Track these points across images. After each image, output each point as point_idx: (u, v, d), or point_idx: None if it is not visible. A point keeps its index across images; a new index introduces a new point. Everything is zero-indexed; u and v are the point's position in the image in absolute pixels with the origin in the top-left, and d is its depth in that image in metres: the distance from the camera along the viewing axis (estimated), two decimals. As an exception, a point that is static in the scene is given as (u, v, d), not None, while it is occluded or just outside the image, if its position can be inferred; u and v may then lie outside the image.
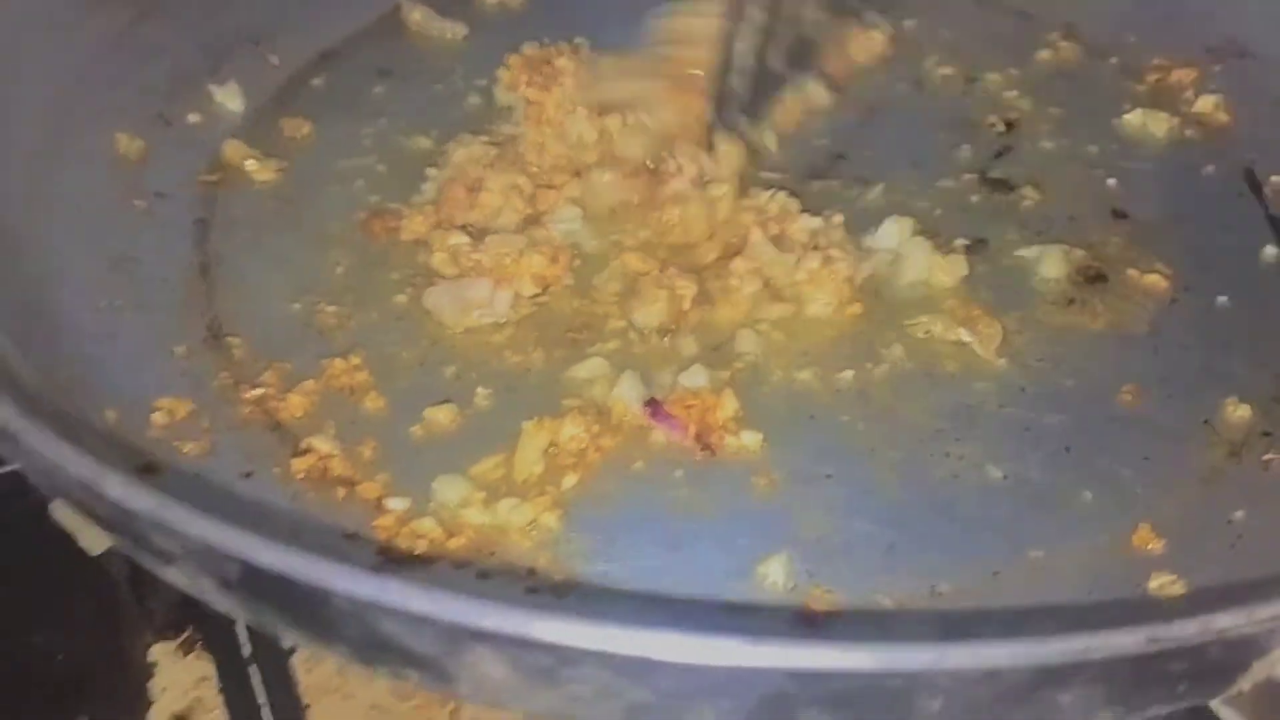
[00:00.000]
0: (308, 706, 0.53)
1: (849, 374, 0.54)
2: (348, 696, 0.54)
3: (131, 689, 0.54)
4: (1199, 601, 0.44)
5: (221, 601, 0.35)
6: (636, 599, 0.45)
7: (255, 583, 0.33)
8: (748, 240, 0.57)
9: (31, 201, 0.57)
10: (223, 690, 0.54)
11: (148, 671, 0.55)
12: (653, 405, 0.52)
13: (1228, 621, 0.31)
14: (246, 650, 0.55)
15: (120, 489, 0.33)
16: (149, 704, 0.54)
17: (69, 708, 0.53)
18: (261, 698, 0.54)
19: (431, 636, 0.32)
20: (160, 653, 0.55)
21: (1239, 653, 0.32)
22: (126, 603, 0.57)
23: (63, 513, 0.57)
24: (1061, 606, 0.44)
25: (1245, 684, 0.34)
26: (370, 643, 0.33)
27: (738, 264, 0.56)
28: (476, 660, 0.32)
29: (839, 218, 0.59)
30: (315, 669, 0.54)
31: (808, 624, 0.44)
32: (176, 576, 0.36)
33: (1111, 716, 0.33)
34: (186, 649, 0.56)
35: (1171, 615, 0.32)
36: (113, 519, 0.35)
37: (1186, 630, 0.31)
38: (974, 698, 0.31)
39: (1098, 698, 0.32)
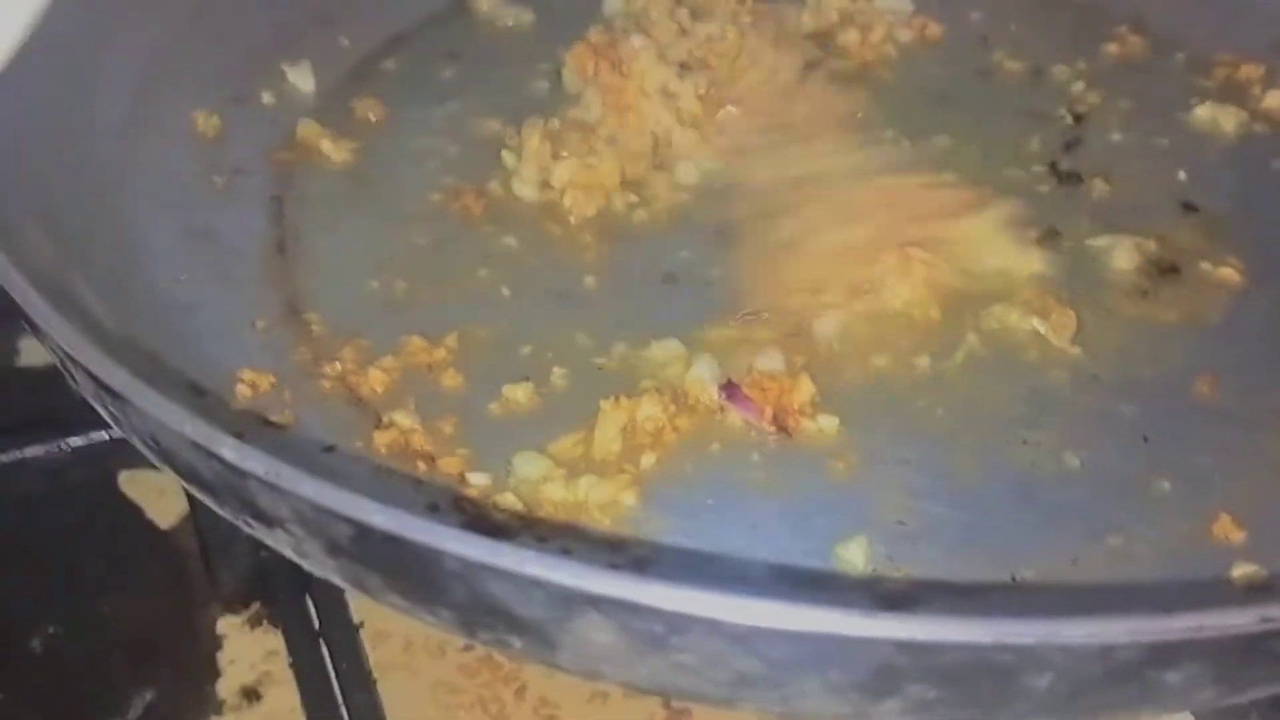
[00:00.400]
0: (376, 681, 0.54)
1: (925, 360, 0.54)
2: (415, 673, 0.54)
3: (200, 661, 0.54)
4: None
5: (326, 565, 0.36)
6: (719, 574, 0.45)
7: (365, 546, 0.33)
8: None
9: (115, 175, 0.57)
10: (293, 664, 0.54)
11: (216, 643, 0.55)
12: (729, 387, 0.52)
13: (1339, 602, 0.31)
14: (316, 625, 0.55)
15: (234, 451, 0.33)
16: (217, 675, 0.54)
17: (139, 677, 0.54)
18: (331, 672, 0.54)
19: (542, 602, 0.32)
20: (228, 625, 0.56)
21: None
22: (195, 575, 0.57)
23: (133, 485, 0.58)
24: (1144, 590, 0.45)
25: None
26: (477, 607, 0.33)
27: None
28: (585, 626, 0.32)
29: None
30: (381, 645, 0.54)
31: (890, 604, 0.44)
32: (281, 541, 0.36)
33: (1215, 695, 0.33)
34: (254, 623, 0.56)
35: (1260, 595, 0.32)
36: (221, 482, 0.35)
37: (1296, 610, 0.31)
38: (1082, 675, 0.32)
39: (1205, 677, 0.32)
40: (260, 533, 0.37)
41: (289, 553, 0.37)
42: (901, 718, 0.33)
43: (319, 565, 0.36)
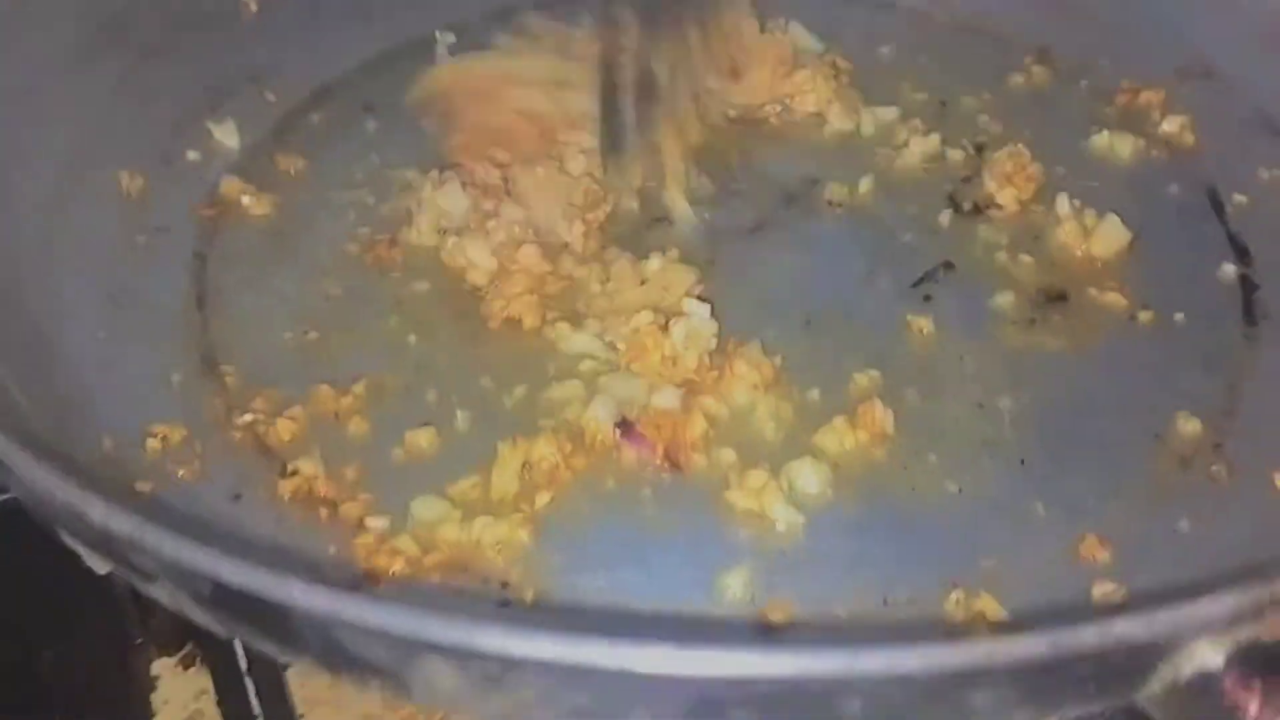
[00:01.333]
0: (302, 717, 0.56)
1: (815, 393, 0.56)
2: (340, 708, 0.56)
3: (135, 702, 0.56)
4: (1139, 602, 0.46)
5: (199, 616, 0.38)
6: (602, 611, 0.47)
7: (225, 599, 0.35)
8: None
9: (37, 238, 0.59)
10: (220, 703, 0.56)
11: (150, 685, 0.57)
12: (624, 425, 0.54)
13: (1126, 628, 0.33)
14: (244, 664, 0.57)
15: (102, 513, 0.36)
16: (151, 716, 0.56)
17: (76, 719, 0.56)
18: (257, 709, 0.56)
19: (384, 647, 0.34)
20: (162, 667, 0.58)
21: (1142, 657, 0.34)
22: (130, 619, 0.59)
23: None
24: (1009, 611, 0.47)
25: (1155, 686, 0.36)
26: (331, 652, 0.35)
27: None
28: (427, 669, 0.34)
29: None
30: (309, 682, 0.56)
31: (763, 634, 0.46)
32: (159, 593, 0.38)
33: (1028, 715, 0.35)
34: (187, 664, 0.58)
35: (1090, 620, 0.34)
36: (98, 541, 0.37)
37: (1087, 637, 0.33)
38: (891, 699, 0.34)
39: (1011, 699, 0.34)
40: (141, 585, 0.39)
41: (168, 603, 0.39)
42: (731, 745, 0.35)
43: (195, 615, 0.38)
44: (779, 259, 0.63)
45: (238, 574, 0.34)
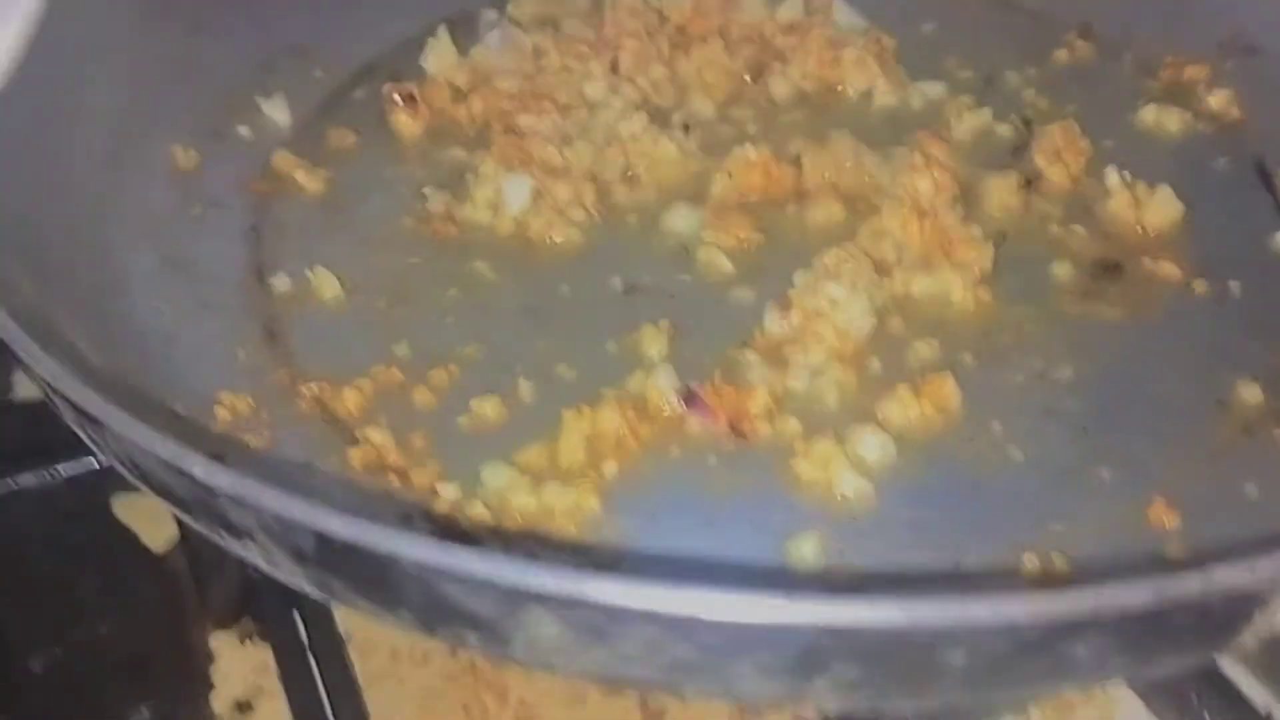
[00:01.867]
0: (363, 690, 0.56)
1: (876, 363, 0.56)
2: (401, 681, 0.56)
3: (194, 676, 0.57)
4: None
5: (294, 573, 0.38)
6: (675, 569, 0.47)
7: (327, 554, 0.36)
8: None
9: (96, 211, 0.60)
10: (283, 677, 0.56)
11: (209, 659, 0.57)
12: (688, 396, 0.54)
13: (1227, 575, 0.33)
14: (304, 638, 0.57)
15: (204, 469, 0.36)
16: (211, 689, 0.57)
17: (135, 693, 0.56)
18: (320, 683, 0.56)
19: (491, 599, 0.34)
20: (220, 641, 0.58)
21: (1240, 606, 0.35)
22: (187, 594, 0.59)
23: (125, 510, 0.61)
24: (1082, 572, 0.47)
25: (1249, 637, 0.36)
26: (433, 607, 0.35)
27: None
28: (531, 621, 0.35)
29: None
30: (370, 656, 0.56)
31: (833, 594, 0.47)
32: (252, 552, 0.38)
33: (1123, 666, 0.36)
34: (245, 638, 0.58)
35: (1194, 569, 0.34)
36: (194, 498, 0.38)
37: (1190, 585, 0.33)
38: (994, 651, 0.34)
39: (1110, 650, 0.35)
40: (232, 545, 0.39)
41: (260, 563, 0.39)
42: (833, 696, 0.35)
43: (288, 573, 0.39)
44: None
45: (345, 526, 0.34)
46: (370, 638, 0.56)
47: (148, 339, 0.56)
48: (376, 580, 0.36)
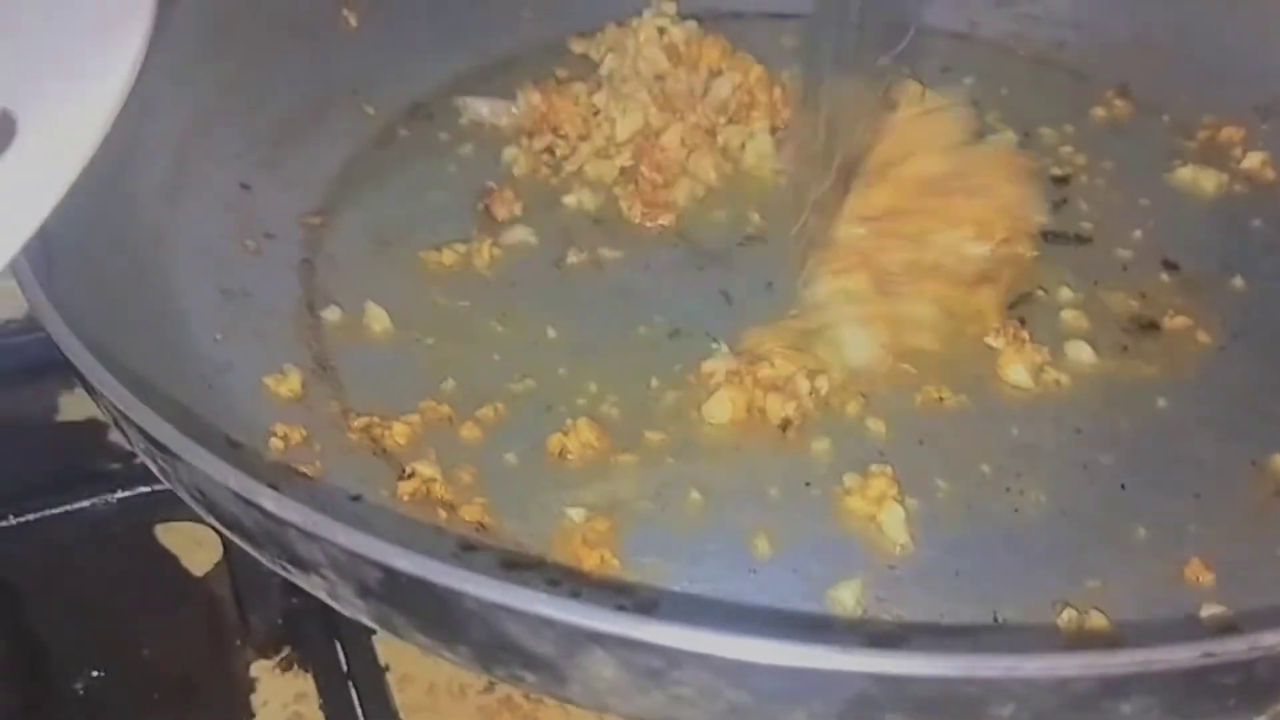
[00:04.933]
0: (402, 722, 0.57)
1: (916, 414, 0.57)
2: (438, 714, 0.56)
3: (235, 702, 0.57)
4: (1248, 623, 0.47)
5: (357, 606, 0.39)
6: (720, 614, 0.48)
7: (393, 588, 0.37)
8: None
9: (155, 241, 0.61)
10: (323, 705, 0.56)
11: (249, 686, 0.57)
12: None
13: (1274, 640, 0.34)
14: (345, 667, 0.57)
15: (274, 502, 0.37)
16: (251, 716, 0.57)
17: (177, 717, 0.56)
18: (359, 713, 0.56)
19: (551, 638, 0.35)
20: (261, 669, 0.58)
21: (1285, 670, 0.35)
22: (229, 621, 0.60)
23: (169, 536, 0.62)
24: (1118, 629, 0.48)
25: (1291, 700, 0.37)
26: (493, 644, 0.36)
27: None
28: (590, 661, 0.35)
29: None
30: (407, 688, 0.57)
31: (877, 644, 0.47)
32: (316, 585, 0.39)
33: (1169, 726, 0.36)
34: (285, 666, 0.58)
35: (1222, 634, 0.35)
36: (263, 530, 0.39)
37: (1237, 646, 0.34)
38: (1043, 705, 0.35)
39: (1155, 709, 0.35)
40: (296, 577, 0.40)
41: (323, 595, 0.40)
42: (881, 745, 0.36)
43: (350, 606, 0.39)
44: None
45: (411, 563, 0.35)
46: (409, 670, 0.57)
47: (204, 367, 0.57)
48: (438, 616, 0.37)
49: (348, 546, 0.36)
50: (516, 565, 0.49)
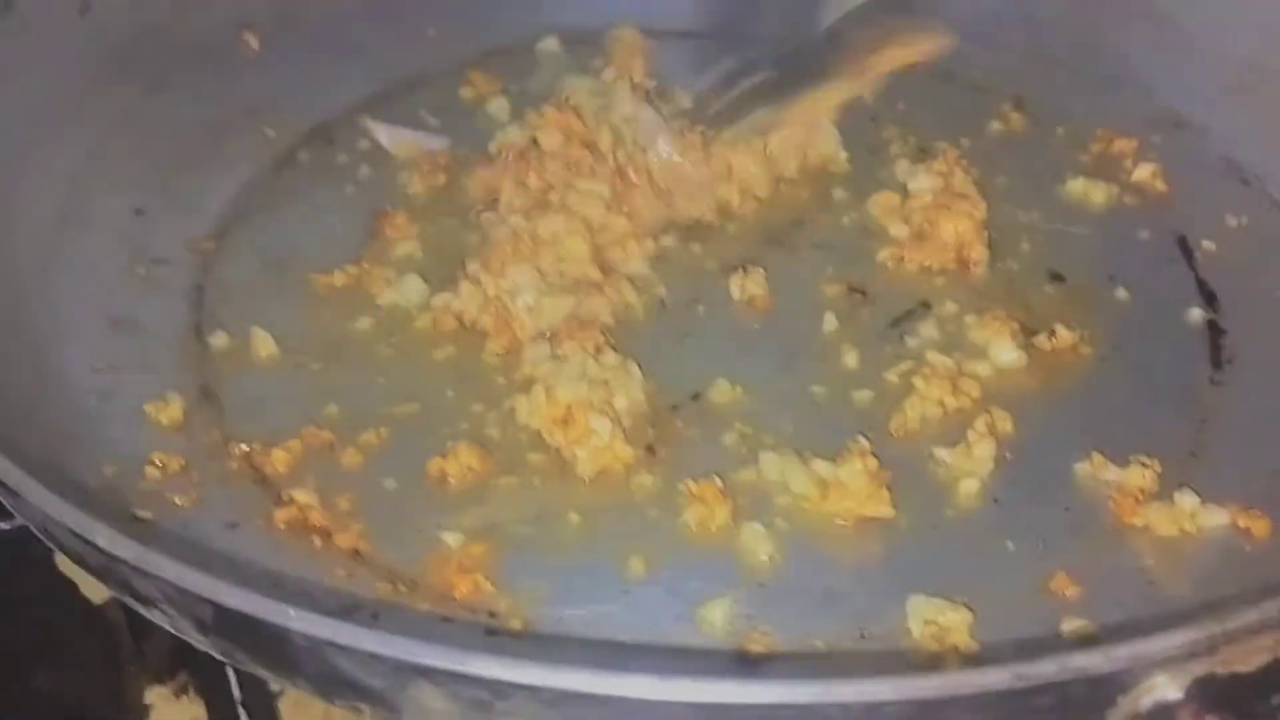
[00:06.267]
0: (294, 748, 0.57)
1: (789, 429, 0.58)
2: (332, 739, 0.57)
3: (128, 728, 0.58)
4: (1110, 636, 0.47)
5: (200, 640, 0.39)
6: (585, 640, 0.49)
7: (225, 623, 0.37)
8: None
9: (38, 265, 0.61)
10: (213, 731, 0.57)
11: (144, 713, 0.58)
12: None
13: (1086, 661, 0.35)
14: (237, 694, 0.58)
15: (108, 539, 0.37)
16: (145, 743, 0.58)
17: (70, 745, 0.57)
18: (250, 739, 0.57)
19: (379, 672, 0.36)
20: (155, 696, 0.59)
21: (1103, 688, 0.36)
22: (125, 648, 0.60)
23: (67, 563, 0.62)
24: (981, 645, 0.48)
25: (1116, 717, 0.37)
26: (326, 677, 0.37)
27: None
28: (420, 694, 0.36)
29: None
30: (300, 713, 0.57)
31: (744, 664, 0.48)
32: (160, 618, 0.40)
33: (993, 746, 0.37)
34: (180, 692, 0.59)
35: (1051, 653, 0.36)
36: (102, 566, 0.39)
37: (1047, 669, 0.34)
38: (864, 728, 0.35)
39: (978, 730, 0.36)
40: (142, 610, 0.40)
41: (168, 628, 0.40)
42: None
43: (194, 639, 0.40)
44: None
45: (238, 599, 0.35)
46: (302, 696, 0.57)
47: (84, 395, 0.57)
48: (273, 650, 0.37)
49: (177, 583, 0.36)
50: (379, 598, 0.49)
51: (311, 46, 0.77)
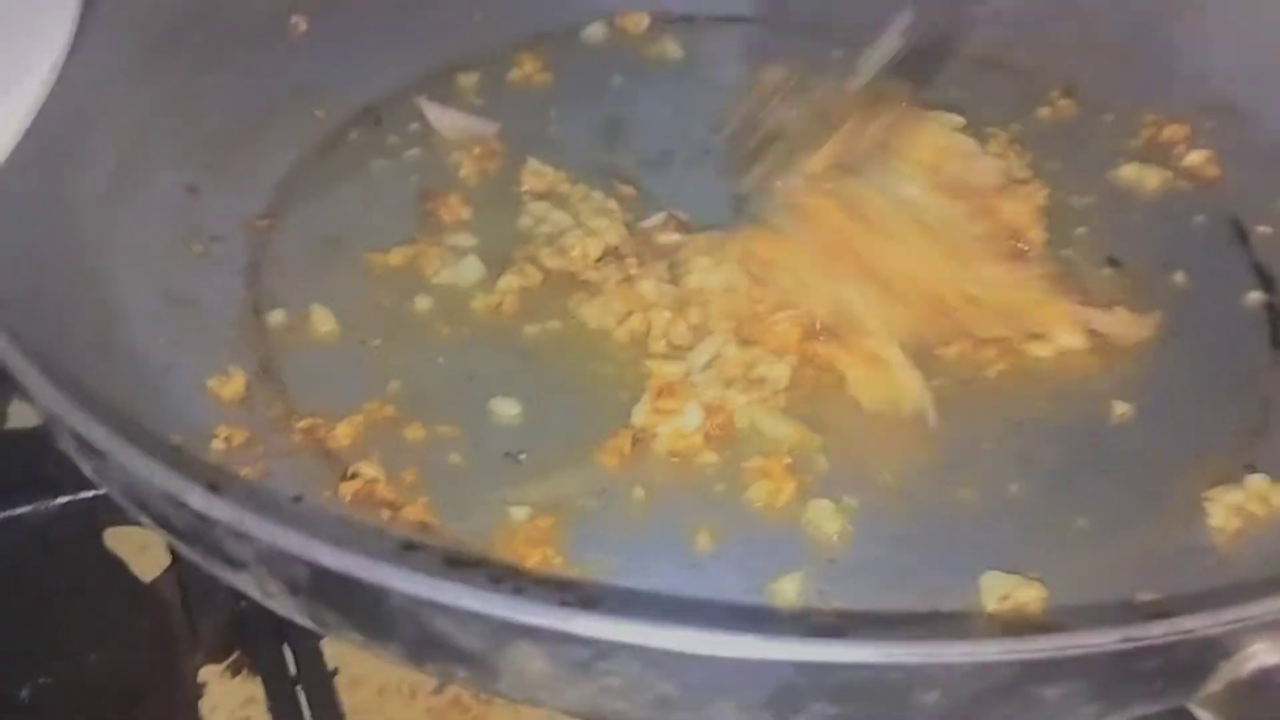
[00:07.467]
0: (350, 725, 0.57)
1: (862, 411, 0.58)
2: (387, 717, 0.56)
3: (183, 707, 0.57)
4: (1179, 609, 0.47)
5: (288, 604, 0.39)
6: (660, 609, 0.48)
7: (320, 585, 0.37)
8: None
9: (98, 244, 0.61)
10: (271, 709, 0.56)
11: (198, 691, 0.58)
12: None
13: (1194, 623, 0.34)
14: (293, 671, 0.58)
15: (201, 499, 0.37)
16: (200, 721, 0.57)
17: (123, 723, 0.57)
18: (307, 717, 0.56)
19: (479, 633, 0.35)
20: (209, 674, 0.58)
21: (1207, 653, 0.36)
22: (178, 626, 0.60)
23: (117, 541, 0.62)
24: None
25: (1217, 683, 0.37)
26: (422, 640, 0.36)
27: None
28: (519, 655, 0.36)
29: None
30: (356, 691, 0.57)
31: (835, 632, 0.48)
32: (247, 582, 0.39)
33: (1094, 712, 0.37)
34: (234, 671, 0.59)
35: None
36: (191, 529, 0.39)
37: (1157, 630, 0.34)
38: (966, 691, 0.35)
39: (1080, 694, 0.36)
40: (228, 576, 0.40)
41: (255, 593, 0.40)
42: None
43: (282, 604, 0.40)
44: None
45: (341, 559, 0.35)
46: (358, 673, 0.57)
47: (146, 371, 0.57)
48: (368, 612, 0.37)
49: (274, 544, 0.36)
50: (458, 564, 0.49)
51: (359, 27, 0.77)
